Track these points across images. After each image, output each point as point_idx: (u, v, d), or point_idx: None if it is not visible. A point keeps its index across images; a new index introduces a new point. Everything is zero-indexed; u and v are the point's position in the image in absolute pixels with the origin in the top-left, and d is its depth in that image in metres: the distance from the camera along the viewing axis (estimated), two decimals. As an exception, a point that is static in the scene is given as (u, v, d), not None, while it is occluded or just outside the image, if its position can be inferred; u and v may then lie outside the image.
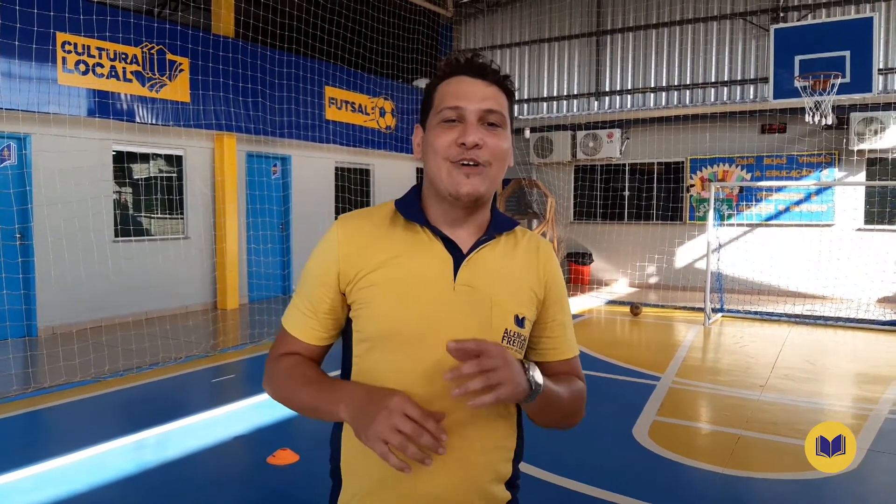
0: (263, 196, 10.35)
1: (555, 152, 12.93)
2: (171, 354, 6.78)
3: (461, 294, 1.24)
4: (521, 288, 1.32)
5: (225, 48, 9.01)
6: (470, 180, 1.21)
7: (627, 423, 4.89)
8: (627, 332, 8.88)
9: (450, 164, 1.22)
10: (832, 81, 8.70)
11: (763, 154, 11.45)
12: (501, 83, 1.27)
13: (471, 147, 1.20)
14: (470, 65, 1.26)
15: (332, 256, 1.27)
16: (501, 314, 1.27)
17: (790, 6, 11.27)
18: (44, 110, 7.18)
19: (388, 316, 1.23)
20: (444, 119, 1.23)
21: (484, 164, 1.22)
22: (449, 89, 1.25)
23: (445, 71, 1.28)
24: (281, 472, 4.00)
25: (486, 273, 1.28)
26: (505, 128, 1.26)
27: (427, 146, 1.27)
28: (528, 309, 1.32)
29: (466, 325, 1.23)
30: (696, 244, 11.85)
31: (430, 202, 1.30)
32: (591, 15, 13.04)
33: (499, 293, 1.28)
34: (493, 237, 1.31)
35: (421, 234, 1.28)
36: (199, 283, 9.56)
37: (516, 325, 1.29)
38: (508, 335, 1.27)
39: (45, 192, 7.41)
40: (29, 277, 7.48)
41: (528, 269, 1.34)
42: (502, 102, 1.26)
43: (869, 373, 6.53)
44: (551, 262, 1.39)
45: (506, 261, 1.32)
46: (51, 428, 5.04)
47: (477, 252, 1.28)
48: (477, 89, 1.24)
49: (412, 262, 1.25)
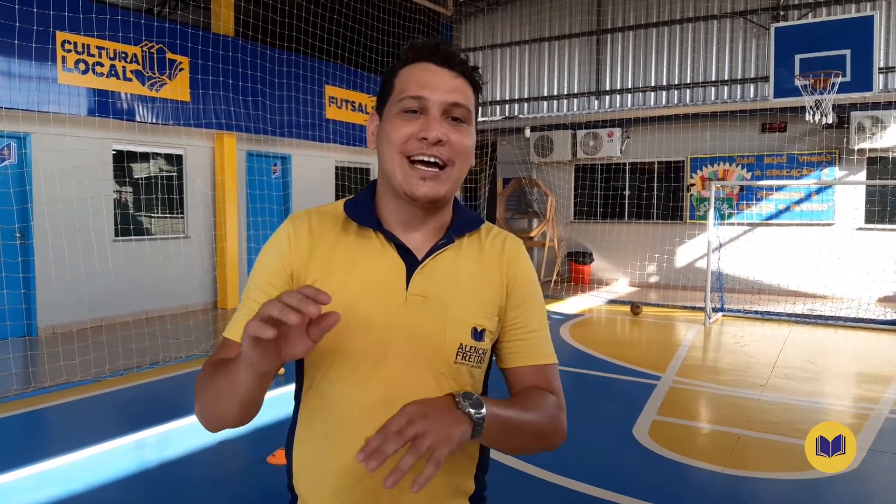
0: (264, 195, 10.35)
1: (555, 151, 12.92)
2: (171, 354, 6.78)
3: (413, 304, 1.15)
4: (482, 296, 1.20)
5: (225, 47, 9.01)
6: (427, 183, 1.11)
7: (628, 423, 4.88)
8: (628, 331, 8.87)
9: (405, 160, 1.12)
10: (833, 80, 8.68)
11: (763, 153, 11.44)
12: (469, 75, 1.17)
13: (433, 143, 1.10)
14: (436, 51, 1.15)
15: (284, 257, 1.18)
16: (457, 326, 1.16)
17: (790, 5, 11.26)
18: (44, 109, 7.18)
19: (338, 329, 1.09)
20: (405, 109, 1.12)
21: (446, 162, 1.12)
22: (412, 76, 1.13)
23: (409, 55, 1.16)
24: (281, 471, 3.97)
25: (442, 281, 1.17)
26: (470, 123, 1.16)
27: (383, 137, 1.16)
28: (489, 319, 1.20)
29: (418, 339, 1.14)
30: (697, 243, 11.84)
31: (384, 199, 1.20)
32: (592, 14, 13.03)
33: (455, 303, 1.17)
34: (451, 241, 1.20)
35: (374, 238, 1.18)
36: (200, 282, 9.56)
37: (473, 338, 1.17)
38: (463, 350, 1.16)
39: (45, 192, 7.41)
40: (29, 277, 7.48)
41: (491, 272, 1.22)
42: (469, 96, 1.15)
43: (869, 372, 6.53)
44: (516, 261, 1.26)
45: (467, 266, 1.21)
46: (51, 427, 5.03)
47: (433, 258, 1.18)
48: (443, 79, 1.13)
49: (362, 269, 1.16)
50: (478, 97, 1.20)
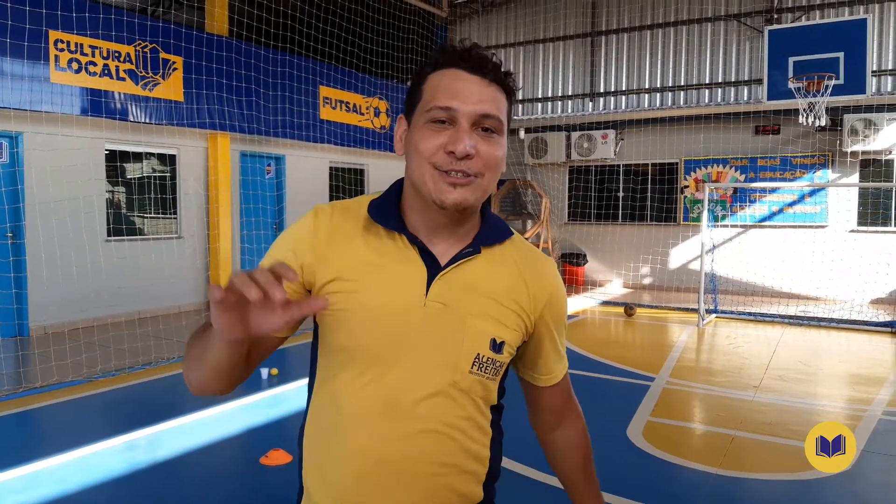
0: (257, 196, 10.32)
1: (549, 153, 12.94)
2: (163, 354, 6.75)
3: (431, 311, 1.13)
4: (505, 309, 1.18)
5: (219, 47, 8.98)
6: (457, 190, 1.09)
7: (621, 424, 4.88)
8: (621, 332, 8.88)
9: (434, 170, 1.09)
10: (826, 83, 8.72)
11: (757, 155, 11.48)
12: (502, 81, 1.12)
13: (461, 157, 1.07)
14: (467, 57, 1.10)
15: (303, 246, 1.15)
16: (475, 336, 1.15)
17: (784, 8, 11.31)
18: (36, 109, 7.13)
19: (351, 330, 1.12)
20: (433, 119, 1.09)
21: (475, 174, 1.09)
22: (442, 84, 1.10)
23: (438, 60, 1.13)
24: (274, 473, 3.97)
25: (463, 290, 1.15)
26: (501, 134, 1.12)
27: (411, 145, 1.12)
28: (509, 333, 1.18)
29: (433, 345, 1.13)
30: (690, 245, 11.87)
31: (410, 204, 1.17)
32: (586, 16, 13.06)
33: (475, 313, 1.15)
34: (477, 251, 1.17)
35: (397, 240, 1.16)
36: (193, 282, 9.52)
37: (492, 349, 1.16)
38: (479, 360, 1.15)
39: (37, 191, 7.36)
40: (21, 277, 7.43)
41: (518, 288, 1.20)
42: (501, 105, 1.12)
43: (862, 374, 6.55)
44: (551, 280, 1.26)
45: (492, 277, 1.18)
46: (42, 428, 5.00)
47: (457, 266, 1.15)
48: (473, 88, 1.09)
49: (384, 271, 1.14)
50: (511, 103, 1.16)
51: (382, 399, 1.13)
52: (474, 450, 1.20)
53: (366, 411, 1.13)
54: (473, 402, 1.18)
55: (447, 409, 1.15)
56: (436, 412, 1.14)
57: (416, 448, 1.13)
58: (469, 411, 1.17)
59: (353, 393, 1.14)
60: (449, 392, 1.15)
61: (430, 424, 1.13)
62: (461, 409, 1.16)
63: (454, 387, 1.15)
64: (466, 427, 1.17)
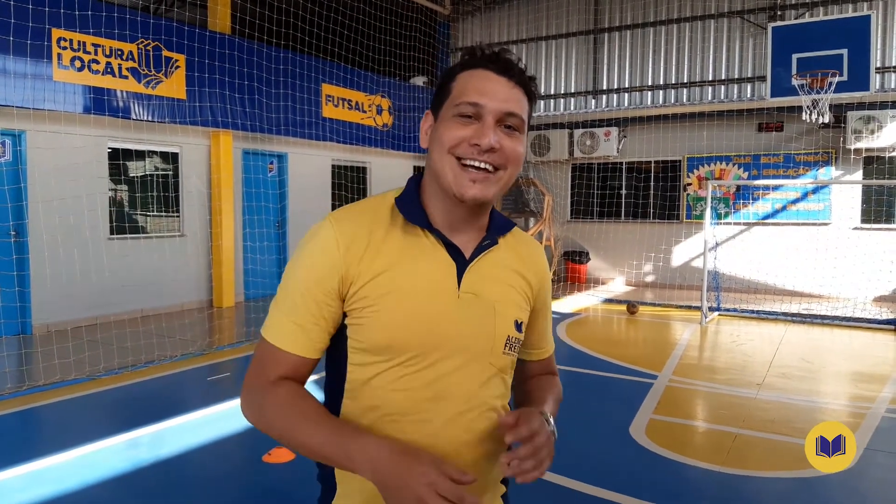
0: (260, 194, 10.32)
1: (552, 150, 12.92)
2: (166, 352, 6.76)
3: (465, 302, 1.20)
4: (519, 292, 1.30)
5: (221, 45, 8.98)
6: (476, 185, 1.15)
7: (624, 422, 4.88)
8: (624, 330, 8.87)
9: (455, 161, 1.15)
10: (829, 80, 8.70)
11: (760, 153, 11.45)
12: (526, 84, 1.21)
13: (485, 150, 1.14)
14: (496, 60, 1.18)
15: (333, 260, 1.17)
16: (504, 321, 1.25)
17: (787, 4, 11.27)
18: (39, 107, 7.14)
19: (390, 326, 1.16)
20: (461, 113, 1.16)
21: (498, 167, 1.16)
22: (471, 83, 1.17)
23: (469, 61, 1.20)
24: (277, 470, 3.98)
25: (488, 279, 1.24)
26: (522, 132, 1.20)
27: (435, 137, 1.19)
28: (524, 312, 1.31)
29: (472, 334, 1.21)
30: (693, 243, 11.85)
31: (431, 199, 1.23)
32: (589, 13, 13.03)
33: (500, 299, 1.25)
34: (495, 241, 1.27)
35: (422, 237, 1.21)
36: (195, 280, 9.53)
37: (516, 330, 1.27)
38: (510, 342, 1.26)
39: (39, 190, 7.37)
40: (24, 275, 7.44)
41: (524, 271, 1.32)
42: (523, 105, 1.19)
43: (865, 371, 6.54)
44: (542, 266, 1.38)
45: (505, 264, 1.29)
46: (45, 426, 5.01)
47: (480, 257, 1.24)
48: (500, 88, 1.16)
49: (415, 268, 1.19)
50: (532, 107, 1.24)
51: (430, 391, 1.18)
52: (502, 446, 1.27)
53: (414, 405, 1.18)
54: (503, 380, 1.29)
55: (488, 390, 1.24)
56: (479, 396, 1.22)
57: (465, 432, 1.20)
58: (501, 389, 1.28)
59: (398, 388, 1.18)
60: (489, 375, 1.24)
61: (475, 408, 1.21)
62: (496, 388, 1.26)
63: (493, 368, 1.24)
64: (499, 405, 1.27)
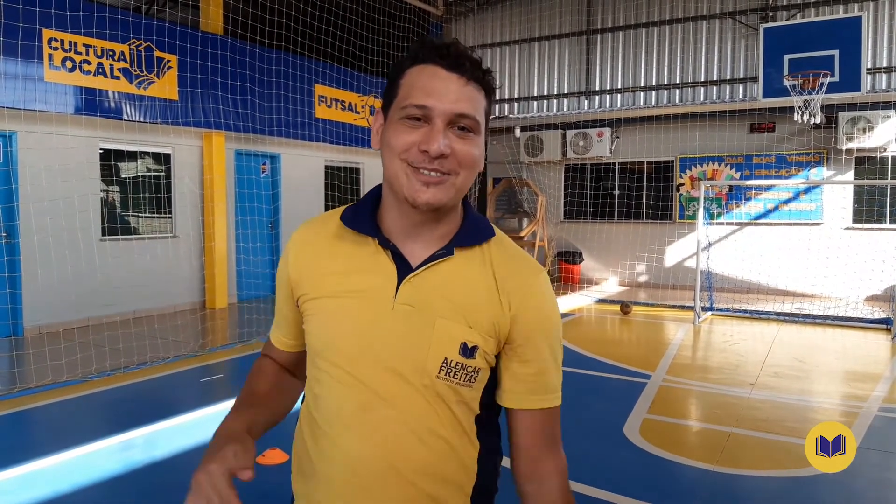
0: (252, 195, 10.29)
1: (545, 151, 12.94)
2: (159, 354, 6.73)
3: (400, 314, 1.11)
4: (478, 313, 1.12)
5: (214, 45, 8.95)
6: (429, 190, 1.07)
7: (618, 422, 4.89)
8: (618, 330, 8.88)
9: (407, 166, 1.07)
10: (821, 80, 8.73)
11: (752, 153, 11.50)
12: (480, 80, 1.09)
13: (435, 157, 1.05)
14: (446, 54, 1.07)
15: (286, 267, 1.24)
16: (444, 340, 1.10)
17: (779, 5, 11.32)
18: (30, 108, 7.10)
19: (324, 331, 1.15)
20: (408, 116, 1.07)
21: (449, 172, 1.07)
22: (419, 81, 1.07)
23: (417, 55, 1.10)
24: (270, 472, 3.96)
25: (434, 292, 1.12)
26: (478, 133, 1.09)
27: (385, 141, 1.11)
28: (482, 338, 1.12)
29: (401, 349, 1.10)
30: (686, 243, 11.89)
31: (387, 205, 1.16)
32: (582, 14, 13.05)
33: (446, 316, 1.11)
34: (450, 252, 1.13)
35: (370, 244, 1.15)
36: (188, 282, 9.49)
37: (462, 354, 1.10)
38: (447, 365, 1.10)
39: (31, 191, 7.33)
40: (15, 276, 7.40)
41: (492, 292, 1.14)
42: (478, 104, 1.09)
43: (858, 370, 6.57)
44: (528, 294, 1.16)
45: (466, 279, 1.14)
46: (37, 428, 4.98)
47: (428, 268, 1.12)
48: (450, 86, 1.06)
49: (354, 274, 1.15)
50: (490, 102, 1.13)
51: (356, 402, 1.12)
52: (458, 460, 1.16)
53: (342, 415, 1.14)
54: (450, 411, 1.13)
55: (424, 413, 1.12)
56: (412, 415, 1.11)
57: (395, 451, 1.11)
58: (448, 419, 1.13)
59: (329, 397, 1.16)
60: (424, 395, 1.12)
61: (407, 427, 1.11)
62: (439, 415, 1.13)
63: (428, 390, 1.11)
64: (448, 436, 1.13)
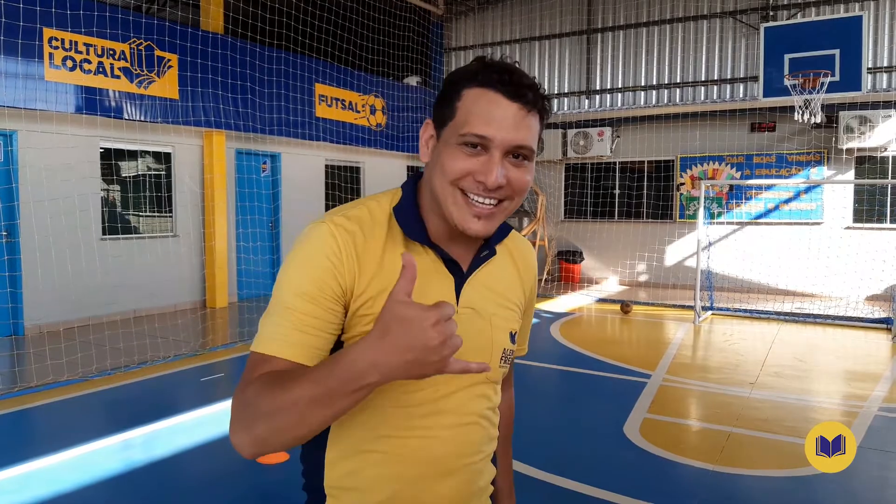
0: (253, 194, 10.29)
1: (545, 151, 12.94)
2: (159, 353, 6.73)
3: (464, 317, 1.15)
4: (513, 301, 1.26)
5: (214, 44, 8.95)
6: (480, 222, 1.09)
7: (618, 421, 4.89)
8: (618, 330, 8.88)
9: (459, 193, 1.07)
10: (822, 80, 8.73)
11: (753, 152, 11.49)
12: (540, 106, 1.08)
13: (492, 189, 1.06)
14: (507, 81, 1.05)
15: (335, 265, 1.07)
16: (501, 334, 1.22)
17: (780, 5, 11.31)
18: (30, 107, 7.10)
19: None
20: (466, 143, 1.05)
21: (503, 199, 1.09)
22: (478, 108, 1.05)
23: (476, 76, 1.07)
24: (270, 471, 3.97)
25: (484, 291, 1.20)
26: (532, 160, 1.10)
27: (437, 161, 1.10)
28: (517, 322, 1.28)
29: (471, 350, 1.14)
30: (686, 242, 11.89)
31: (429, 213, 1.16)
32: (582, 13, 13.05)
33: (497, 312, 1.22)
34: (494, 253, 1.22)
35: (422, 252, 1.14)
36: (188, 281, 9.50)
37: (510, 342, 1.24)
38: (505, 354, 1.23)
39: (31, 190, 7.33)
40: (15, 276, 7.40)
41: (516, 278, 1.29)
42: (534, 133, 1.08)
43: (858, 370, 6.57)
44: (534, 265, 1.35)
45: (500, 273, 1.25)
46: (37, 427, 4.99)
47: (478, 270, 1.20)
48: (510, 116, 1.04)
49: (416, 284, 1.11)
50: (543, 125, 1.13)
51: (427, 408, 1.15)
52: (493, 433, 1.28)
53: (410, 422, 1.14)
54: (495, 390, 1.26)
55: (482, 403, 1.22)
56: (474, 409, 1.20)
57: (459, 445, 1.18)
58: (494, 400, 1.26)
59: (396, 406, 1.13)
60: (484, 388, 1.22)
61: (468, 421, 1.19)
62: (489, 399, 1.24)
63: (487, 381, 1.22)
64: (491, 414, 1.25)
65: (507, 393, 1.44)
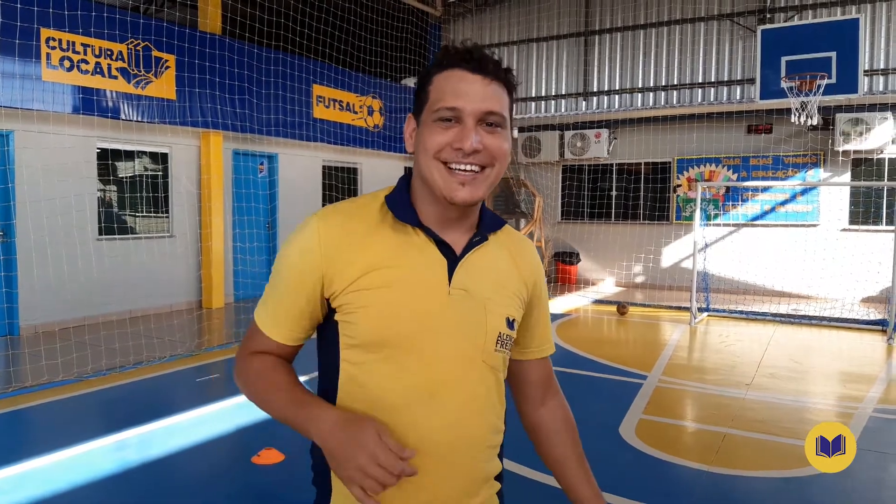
0: (250, 194, 10.29)
1: (543, 152, 12.95)
2: (155, 354, 6.72)
3: (456, 298, 1.20)
4: (511, 289, 1.29)
5: (212, 45, 8.95)
6: (465, 188, 1.15)
7: (614, 422, 4.89)
8: (614, 331, 8.89)
9: (442, 166, 1.15)
10: (818, 82, 8.75)
11: (749, 154, 11.52)
12: (503, 78, 1.18)
13: (469, 153, 1.14)
14: (469, 58, 1.16)
15: (314, 259, 1.18)
16: (495, 317, 1.24)
17: (777, 7, 11.35)
18: (27, 107, 7.09)
19: (381, 323, 1.16)
20: (440, 118, 1.15)
21: (485, 166, 1.16)
22: (447, 86, 1.16)
23: (442, 61, 1.19)
24: (266, 472, 3.96)
25: (479, 275, 1.24)
26: (505, 127, 1.19)
27: (419, 143, 1.19)
28: (516, 310, 1.30)
29: (464, 330, 1.20)
30: (683, 244, 11.90)
31: (421, 200, 1.23)
32: (580, 15, 13.07)
33: (491, 296, 1.24)
34: (485, 238, 1.26)
35: (412, 234, 1.21)
36: (185, 281, 9.49)
37: (508, 327, 1.26)
38: (502, 339, 1.25)
39: (28, 190, 7.32)
40: (11, 276, 7.39)
41: (514, 269, 1.31)
42: (503, 101, 1.18)
43: (853, 372, 6.58)
44: (537, 265, 1.38)
45: (496, 261, 1.28)
46: (33, 427, 4.98)
47: (470, 254, 1.24)
48: (476, 87, 1.15)
49: (405, 265, 1.19)
50: (512, 98, 1.22)
51: (422, 388, 1.18)
52: (498, 424, 1.29)
53: (407, 402, 1.17)
54: (497, 378, 1.28)
55: (482, 387, 1.24)
56: (474, 392, 1.22)
57: (460, 428, 1.20)
58: (495, 387, 1.27)
59: (390, 386, 1.17)
60: (482, 371, 1.23)
61: (469, 405, 1.21)
62: (490, 386, 1.25)
63: (484, 365, 1.24)
64: (495, 402, 1.27)
65: (553, 400, 1.46)
